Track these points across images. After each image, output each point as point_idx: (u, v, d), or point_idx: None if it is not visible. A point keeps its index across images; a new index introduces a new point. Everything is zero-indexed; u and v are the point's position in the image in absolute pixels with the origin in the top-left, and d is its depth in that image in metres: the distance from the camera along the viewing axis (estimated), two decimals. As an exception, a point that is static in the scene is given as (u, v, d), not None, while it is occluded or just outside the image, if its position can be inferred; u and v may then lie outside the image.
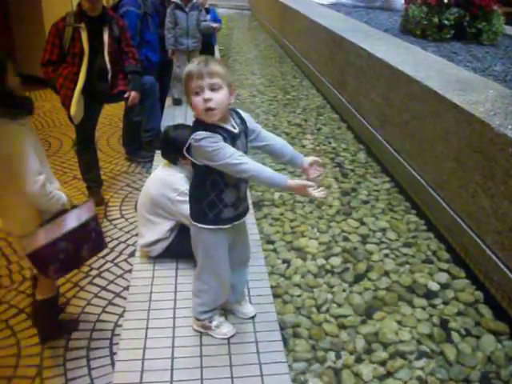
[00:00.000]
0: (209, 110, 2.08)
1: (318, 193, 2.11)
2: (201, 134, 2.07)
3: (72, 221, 2.71)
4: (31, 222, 2.66)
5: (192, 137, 2.10)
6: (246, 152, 2.26)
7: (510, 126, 3.28)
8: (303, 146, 5.62)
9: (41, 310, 2.99)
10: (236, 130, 2.20)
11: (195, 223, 2.35)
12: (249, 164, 2.07)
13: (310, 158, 2.39)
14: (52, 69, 4.14)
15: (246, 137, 2.29)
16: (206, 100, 2.06)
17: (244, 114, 2.33)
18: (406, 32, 7.17)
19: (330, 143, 5.79)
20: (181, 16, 5.90)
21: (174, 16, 5.88)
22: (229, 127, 2.17)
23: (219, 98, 2.08)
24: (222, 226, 2.31)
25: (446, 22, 6.61)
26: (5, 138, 2.44)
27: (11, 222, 2.69)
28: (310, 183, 2.12)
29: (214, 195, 2.25)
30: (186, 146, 2.17)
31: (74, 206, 2.82)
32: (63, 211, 2.74)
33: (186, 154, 2.20)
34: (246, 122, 2.30)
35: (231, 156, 2.05)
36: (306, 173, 2.38)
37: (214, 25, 6.61)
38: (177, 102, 6.30)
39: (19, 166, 2.47)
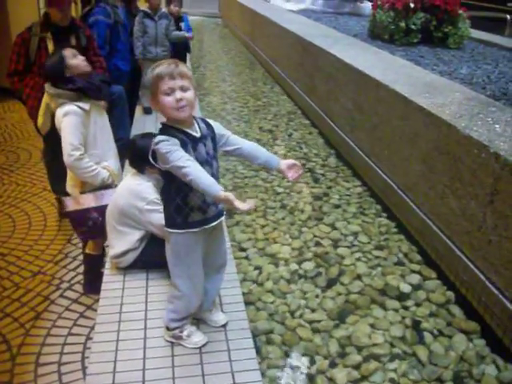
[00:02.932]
0: (182, 107, 2.16)
1: (245, 205, 2.03)
2: (159, 137, 2.14)
3: (110, 197, 3.20)
4: (74, 186, 3.34)
5: (153, 141, 2.17)
6: (214, 156, 2.31)
7: (475, 128, 3.33)
8: (275, 153, 5.62)
9: (85, 262, 3.59)
10: (198, 135, 2.25)
11: (166, 228, 2.37)
12: (191, 168, 2.08)
13: (289, 161, 2.40)
14: (18, 79, 4.10)
15: (213, 142, 2.33)
16: (179, 100, 2.15)
17: (212, 122, 2.39)
18: (375, 37, 7.26)
19: (301, 148, 5.81)
20: (149, 24, 5.92)
21: (142, 24, 5.89)
22: (191, 131, 2.23)
23: (190, 96, 2.19)
24: (190, 230, 2.32)
25: (413, 27, 6.72)
26: (60, 115, 3.19)
27: (67, 182, 3.39)
28: (234, 199, 2.03)
29: (179, 199, 2.27)
30: (151, 152, 2.23)
31: (116, 186, 3.31)
32: (107, 187, 3.32)
33: (152, 160, 2.23)
34: (213, 128, 2.35)
35: (179, 159, 2.09)
36: (285, 175, 2.39)
37: (187, 34, 6.60)
38: (147, 111, 6.24)
39: (63, 139, 3.17)
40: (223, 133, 2.38)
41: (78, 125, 3.18)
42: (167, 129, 2.21)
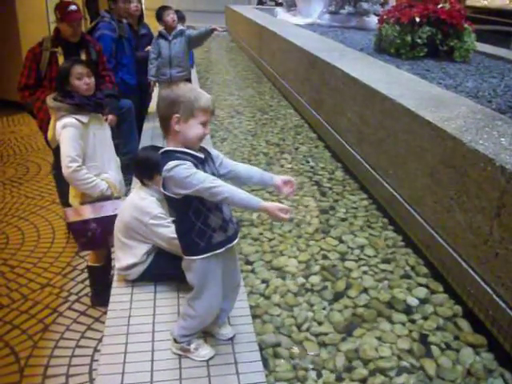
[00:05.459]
0: (204, 137, 2.24)
1: (286, 216, 2.15)
2: (171, 163, 2.10)
3: (109, 209, 3.29)
4: (75, 197, 3.39)
5: (164, 169, 2.12)
6: (219, 176, 2.32)
7: (481, 142, 3.35)
8: (281, 166, 5.66)
9: (89, 274, 3.67)
10: (202, 156, 2.27)
11: (188, 257, 2.33)
12: (223, 186, 2.11)
13: (284, 177, 2.42)
14: (29, 93, 4.17)
15: (213, 162, 2.35)
16: (206, 134, 2.24)
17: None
18: (381, 51, 7.30)
19: (308, 162, 5.82)
20: (163, 45, 5.70)
21: (157, 46, 5.72)
22: (196, 153, 2.24)
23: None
24: (215, 252, 2.32)
25: (419, 41, 6.74)
26: (59, 127, 3.26)
27: (70, 193, 3.44)
28: (284, 206, 2.15)
29: (200, 223, 2.26)
30: (162, 182, 2.20)
31: (116, 198, 3.43)
32: (106, 198, 3.36)
33: (163, 191, 2.22)
34: (207, 150, 2.37)
35: (205, 180, 2.09)
36: (280, 190, 2.40)
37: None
38: None
39: (61, 151, 3.23)
40: (216, 154, 2.41)
41: (76, 137, 3.24)
42: (173, 153, 2.17)
